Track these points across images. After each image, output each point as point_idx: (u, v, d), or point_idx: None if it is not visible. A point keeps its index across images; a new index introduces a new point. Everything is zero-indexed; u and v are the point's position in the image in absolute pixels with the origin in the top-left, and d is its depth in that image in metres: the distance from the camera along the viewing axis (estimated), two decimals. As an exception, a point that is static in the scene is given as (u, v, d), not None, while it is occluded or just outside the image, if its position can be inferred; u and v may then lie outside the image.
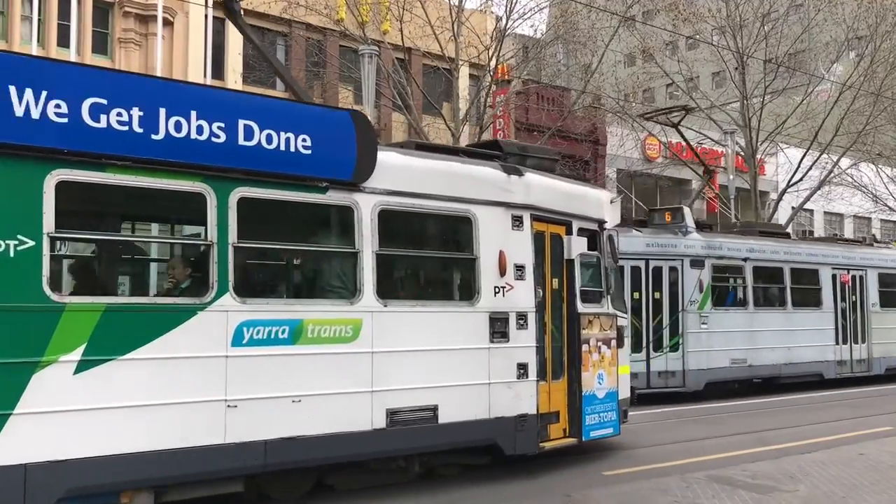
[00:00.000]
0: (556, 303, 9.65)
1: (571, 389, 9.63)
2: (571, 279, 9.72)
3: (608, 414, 10.05)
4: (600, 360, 9.98)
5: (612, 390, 10.16)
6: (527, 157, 9.76)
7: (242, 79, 24.81)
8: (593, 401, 9.81)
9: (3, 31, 21.60)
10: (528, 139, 27.18)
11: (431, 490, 8.42)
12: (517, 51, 27.53)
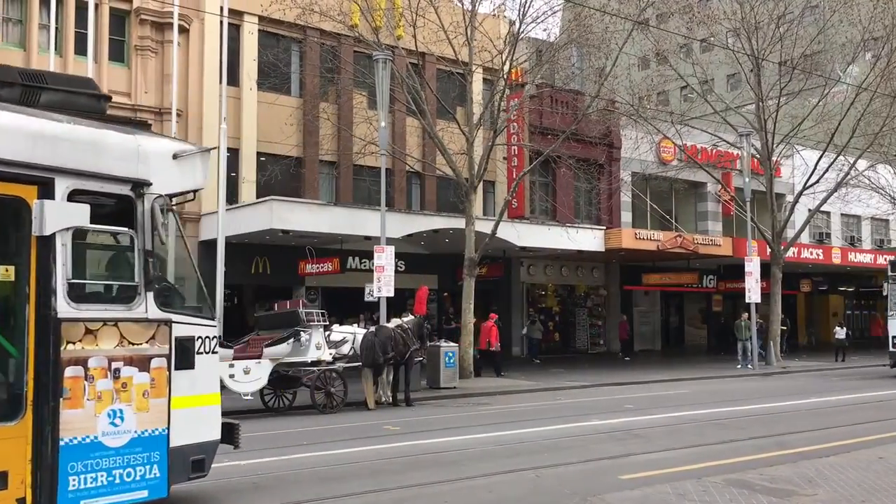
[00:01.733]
0: (10, 304, 6.53)
1: (39, 436, 6.30)
2: (45, 267, 6.41)
3: (135, 469, 6.79)
4: (120, 390, 6.74)
5: (150, 434, 6.92)
6: None
7: (257, 85, 24.97)
8: (93, 452, 6.54)
9: (22, 39, 21.83)
10: (542, 142, 27.19)
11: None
12: (530, 54, 27.55)
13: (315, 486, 8.97)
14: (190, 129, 23.68)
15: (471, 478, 9.28)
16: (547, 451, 11.06)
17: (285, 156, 25.38)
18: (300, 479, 9.38)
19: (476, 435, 12.47)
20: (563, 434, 12.68)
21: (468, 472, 9.61)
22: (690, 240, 29.55)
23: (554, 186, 30.90)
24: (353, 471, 9.90)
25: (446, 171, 24.07)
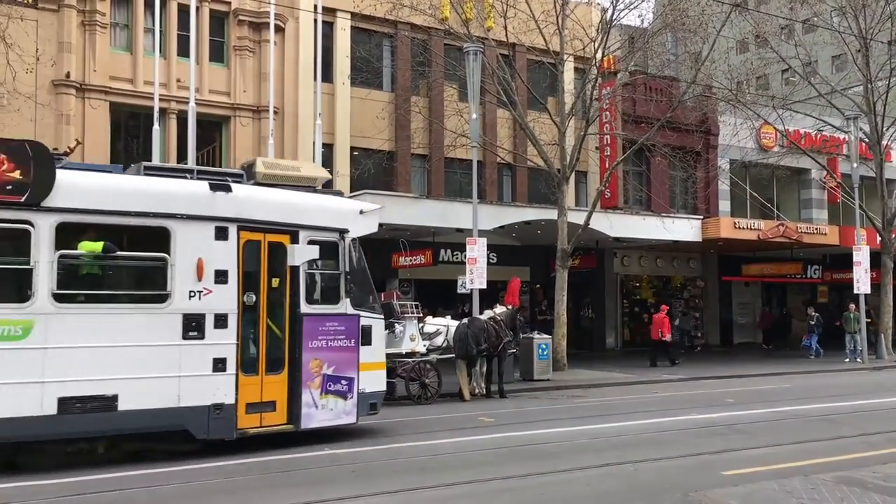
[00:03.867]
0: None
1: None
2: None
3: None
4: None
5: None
6: None
7: (350, 81, 25.37)
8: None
9: (129, 43, 22.82)
10: (635, 131, 26.65)
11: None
12: (623, 42, 27.01)
13: (412, 475, 9.07)
14: (286, 125, 24.27)
15: (567, 470, 9.21)
16: (645, 445, 10.86)
17: (378, 150, 25.70)
18: (396, 468, 9.51)
19: (572, 427, 12.36)
20: (662, 428, 12.42)
21: (564, 464, 9.53)
22: (794, 228, 28.45)
23: (648, 176, 30.25)
24: (449, 461, 9.97)
25: (538, 161, 23.89)
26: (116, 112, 22.58)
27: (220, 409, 9.85)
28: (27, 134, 20.80)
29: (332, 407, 10.81)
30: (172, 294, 9.65)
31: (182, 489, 8.50)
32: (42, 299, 8.90)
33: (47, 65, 20.68)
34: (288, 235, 10.65)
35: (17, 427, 8.68)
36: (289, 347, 10.59)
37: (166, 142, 21.82)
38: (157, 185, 9.95)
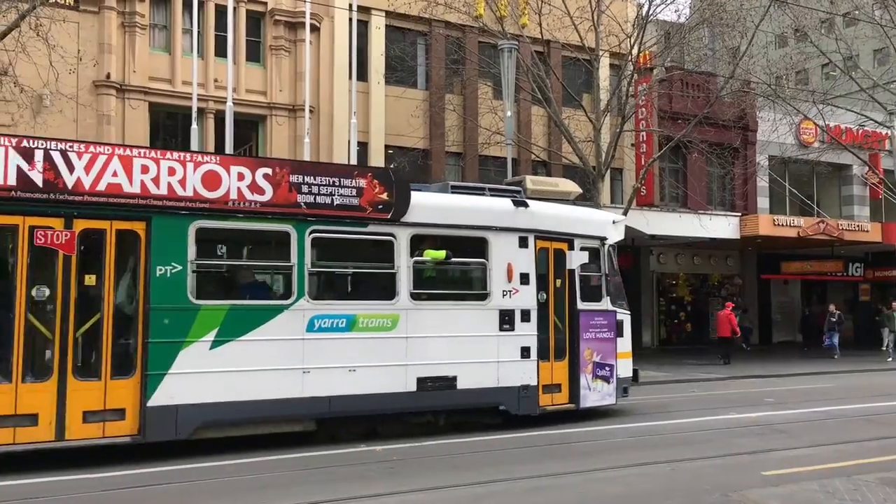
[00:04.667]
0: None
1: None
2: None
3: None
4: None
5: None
6: None
7: (385, 79, 25.45)
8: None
9: (167, 44, 23.14)
10: (672, 128, 26.37)
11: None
12: (659, 37, 26.74)
13: (448, 473, 9.06)
14: (321, 124, 24.42)
15: (602, 469, 9.16)
16: (682, 445, 10.77)
17: (412, 148, 25.75)
18: (431, 465, 9.50)
19: (607, 426, 12.28)
20: (699, 427, 12.30)
21: (599, 463, 9.48)
22: (835, 225, 27.96)
23: (685, 172, 29.93)
24: (483, 459, 9.95)
25: (573, 159, 23.75)
26: (155, 112, 22.90)
27: (527, 389, 11.85)
28: (69, 134, 21.19)
29: (599, 389, 12.78)
30: (491, 293, 11.67)
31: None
32: (403, 298, 10.95)
33: (89, 66, 21.04)
34: (566, 243, 12.59)
35: (388, 401, 10.80)
36: (569, 338, 12.55)
37: (204, 141, 22.08)
38: (476, 203, 11.95)
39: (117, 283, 9.53)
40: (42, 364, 9.14)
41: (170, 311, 9.52)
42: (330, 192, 10.51)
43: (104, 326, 9.34)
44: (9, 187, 8.86)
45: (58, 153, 9.12)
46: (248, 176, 10.06)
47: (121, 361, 9.44)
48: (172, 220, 9.62)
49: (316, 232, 10.48)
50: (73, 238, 9.18)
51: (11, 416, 8.77)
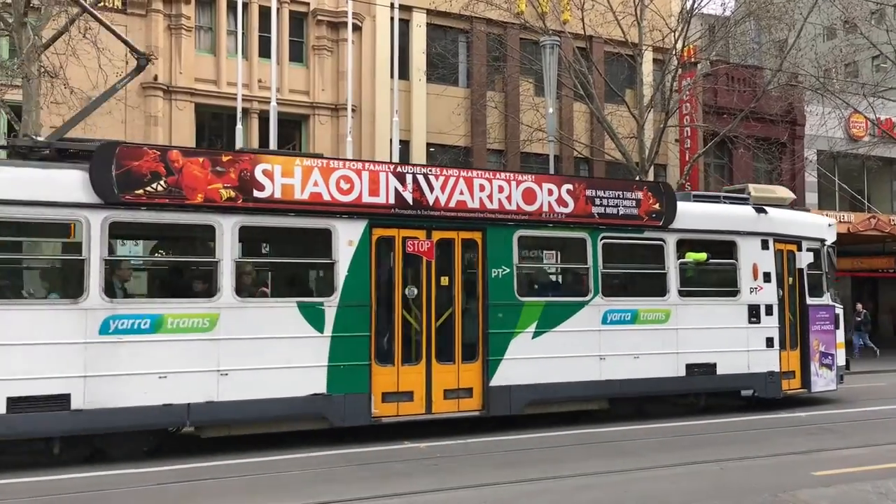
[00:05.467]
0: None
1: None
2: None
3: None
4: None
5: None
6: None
7: (426, 77, 25.49)
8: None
9: (212, 45, 23.46)
10: (717, 123, 25.99)
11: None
12: (704, 31, 26.37)
13: (492, 470, 9.05)
14: (363, 123, 24.55)
15: (650, 468, 9.06)
16: (730, 444, 10.61)
17: (454, 146, 25.76)
18: (475, 462, 9.50)
19: (652, 425, 12.14)
20: (747, 426, 12.10)
21: (647, 462, 9.39)
22: (886, 221, 27.25)
23: (730, 168, 29.46)
24: (528, 456, 9.92)
25: (616, 155, 23.55)
26: (201, 113, 23.23)
27: (772, 375, 13.39)
28: (118, 135, 21.61)
29: (824, 376, 14.18)
30: (740, 290, 13.21)
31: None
32: (673, 294, 12.62)
33: (136, 68, 21.41)
34: (796, 245, 14.10)
35: (663, 384, 12.45)
36: (800, 330, 13.98)
37: (248, 141, 22.35)
38: (726, 210, 13.46)
39: (463, 283, 11.46)
40: (413, 351, 11.02)
41: (502, 307, 11.41)
42: (616, 203, 12.29)
43: (455, 319, 11.27)
44: (389, 205, 10.81)
45: (421, 176, 11.09)
46: (555, 191, 11.90)
47: (468, 349, 11.33)
48: (502, 230, 11.53)
49: (605, 238, 12.23)
50: (432, 246, 11.20)
51: (394, 392, 10.79)
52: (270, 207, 10.08)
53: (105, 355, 9.15)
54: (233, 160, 10.00)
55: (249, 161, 10.07)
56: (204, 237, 10.13)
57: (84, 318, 9.10)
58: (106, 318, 9.18)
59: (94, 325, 9.14)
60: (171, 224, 9.81)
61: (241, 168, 9.97)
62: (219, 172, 9.86)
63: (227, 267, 9.79)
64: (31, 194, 8.97)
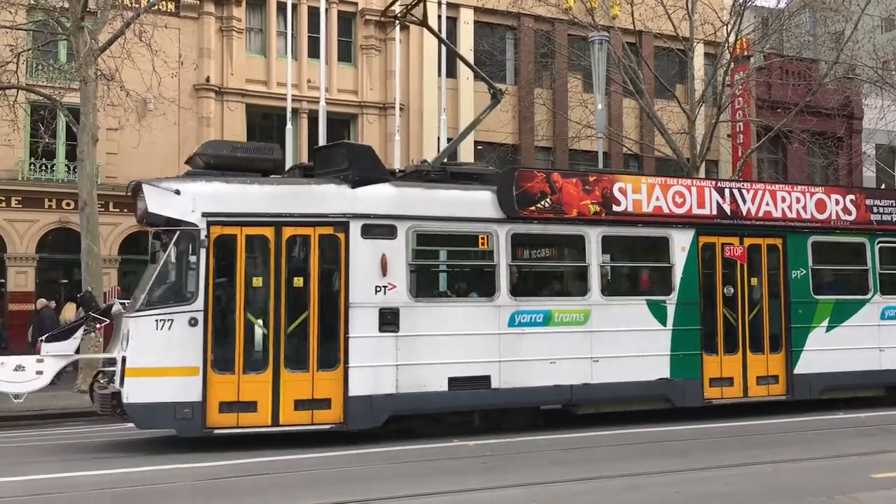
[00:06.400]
0: None
1: None
2: None
3: None
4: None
5: None
6: None
7: (474, 75, 25.43)
8: None
9: (263, 46, 23.79)
10: (771, 117, 25.48)
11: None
12: (757, 24, 25.86)
13: (541, 468, 9.02)
14: (411, 121, 24.66)
15: (703, 468, 8.92)
16: (784, 445, 10.39)
17: (501, 143, 25.71)
18: (529, 462, 9.48)
19: (704, 424, 11.96)
20: (803, 427, 11.83)
21: (699, 462, 9.24)
22: (949, 217, 26.41)
23: (785, 163, 28.86)
24: (577, 455, 9.86)
25: (666, 151, 23.25)
26: (251, 113, 23.59)
27: None
28: (171, 136, 22.04)
29: None
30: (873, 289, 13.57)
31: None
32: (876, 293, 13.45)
33: (189, 70, 21.84)
34: None
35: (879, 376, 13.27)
36: None
37: (298, 141, 22.60)
38: None
39: (768, 283, 12.74)
40: (731, 342, 12.38)
41: (801, 304, 12.72)
42: (890, 211, 13.57)
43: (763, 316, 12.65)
44: (712, 216, 12.33)
45: (736, 190, 12.56)
46: (841, 201, 13.16)
47: (774, 341, 12.67)
48: (799, 236, 12.88)
49: (881, 242, 13.48)
50: (745, 251, 12.51)
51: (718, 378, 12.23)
52: (625, 219, 11.88)
53: (513, 344, 11.01)
54: (597, 180, 11.89)
55: (609, 180, 11.93)
56: (576, 245, 11.81)
57: (497, 313, 10.98)
58: (512, 313, 11.05)
59: (504, 318, 11.01)
60: (553, 234, 11.81)
61: (603, 186, 11.79)
62: (587, 190, 11.68)
63: (595, 270, 11.62)
64: (458, 211, 11.02)
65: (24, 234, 21.66)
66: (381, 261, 10.37)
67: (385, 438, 10.44)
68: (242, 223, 10.00)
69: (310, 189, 10.52)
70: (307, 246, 10.28)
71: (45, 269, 22.45)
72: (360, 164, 10.67)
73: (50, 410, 13.96)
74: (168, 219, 9.93)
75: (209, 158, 10.64)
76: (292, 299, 10.13)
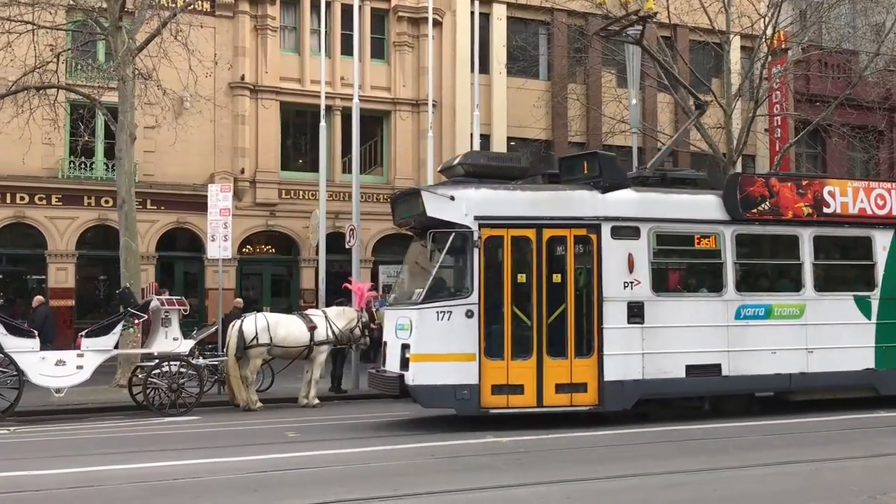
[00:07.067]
0: None
1: None
2: None
3: None
4: None
5: None
6: None
7: (506, 70, 25.39)
8: None
9: (296, 44, 23.94)
10: (809, 111, 25.08)
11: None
12: (795, 16, 25.45)
13: (577, 466, 8.98)
14: (444, 117, 24.66)
15: (740, 467, 8.81)
16: (825, 444, 10.23)
17: (534, 139, 25.60)
18: (562, 458, 9.45)
19: (742, 423, 11.81)
20: (841, 426, 11.64)
21: (737, 461, 9.13)
22: None
23: (824, 158, 28.37)
24: (613, 453, 9.79)
25: (702, 146, 22.98)
26: (285, 111, 23.76)
27: None
28: (207, 134, 22.28)
29: None
30: None
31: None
32: None
33: (224, 68, 22.05)
34: None
35: None
36: None
37: (331, 138, 22.71)
38: None
39: None
40: None
41: None
42: None
43: None
44: None
45: None
46: None
47: None
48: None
49: None
50: None
51: None
52: (833, 221, 12.71)
53: (739, 335, 11.94)
54: (809, 184, 12.79)
55: (819, 184, 12.81)
56: (791, 244, 12.64)
57: (725, 307, 11.94)
58: (738, 307, 11.99)
59: (732, 312, 11.96)
60: (770, 234, 12.64)
61: (815, 190, 12.64)
62: (800, 194, 12.53)
63: (808, 268, 12.47)
64: (689, 214, 12.04)
65: (63, 232, 22.05)
66: (628, 259, 11.47)
67: (416, 433, 10.45)
68: (508, 225, 11.17)
69: (566, 195, 11.70)
70: (564, 246, 11.42)
71: (85, 266, 22.84)
72: (609, 172, 11.80)
73: (90, 404, 14.17)
74: (444, 222, 11.11)
75: (469, 167, 11.80)
76: (551, 294, 11.23)
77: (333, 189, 22.40)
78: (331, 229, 19.89)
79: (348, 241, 17.54)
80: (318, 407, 13.99)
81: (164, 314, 13.41)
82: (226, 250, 18.07)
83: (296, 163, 24.75)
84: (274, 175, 23.80)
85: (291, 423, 12.13)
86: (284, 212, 23.85)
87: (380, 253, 24.70)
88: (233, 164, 23.25)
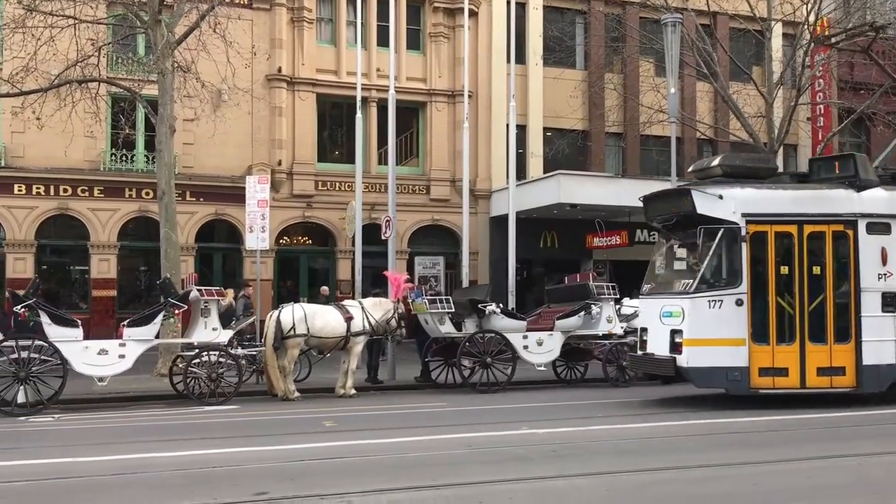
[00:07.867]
0: None
1: None
2: None
3: None
4: None
5: None
6: None
7: (542, 60, 25.21)
8: None
9: (333, 36, 24.01)
10: (853, 99, 24.54)
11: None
12: (839, 2, 24.88)
13: (613, 458, 8.91)
14: (480, 108, 24.58)
15: (781, 461, 8.66)
16: (869, 438, 10.03)
17: (571, 129, 25.41)
18: (594, 450, 9.39)
19: (782, 416, 11.63)
20: (888, 419, 11.40)
21: (778, 455, 8.97)
22: None
23: (868, 147, 27.73)
24: (649, 445, 9.70)
25: (742, 135, 22.63)
26: (322, 103, 23.87)
27: None
28: (244, 126, 22.47)
29: None
30: None
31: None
32: None
33: (262, 60, 22.22)
34: None
35: None
36: None
37: (367, 129, 22.77)
38: None
39: None
40: None
41: None
42: None
43: None
44: None
45: None
46: None
47: None
48: None
49: None
50: None
51: None
52: None
53: None
54: None
55: None
56: None
57: None
58: None
59: None
60: None
61: None
62: None
63: None
64: None
65: (105, 223, 22.44)
66: (882, 253, 12.23)
67: (452, 424, 10.41)
68: (772, 222, 12.09)
69: (825, 193, 12.46)
70: (822, 241, 12.20)
71: (126, 257, 23.23)
72: (864, 172, 12.46)
73: (131, 393, 14.40)
74: (713, 218, 11.96)
75: (727, 168, 12.65)
76: (811, 284, 12.09)
77: (369, 180, 22.47)
78: (367, 220, 19.97)
79: (384, 233, 17.59)
80: (354, 397, 14.07)
81: (204, 304, 13.56)
82: (263, 241, 18.21)
83: (332, 154, 24.88)
84: (310, 167, 23.96)
85: (329, 413, 12.21)
86: (321, 203, 24.01)
87: (415, 244, 24.74)
88: (270, 156, 23.44)
